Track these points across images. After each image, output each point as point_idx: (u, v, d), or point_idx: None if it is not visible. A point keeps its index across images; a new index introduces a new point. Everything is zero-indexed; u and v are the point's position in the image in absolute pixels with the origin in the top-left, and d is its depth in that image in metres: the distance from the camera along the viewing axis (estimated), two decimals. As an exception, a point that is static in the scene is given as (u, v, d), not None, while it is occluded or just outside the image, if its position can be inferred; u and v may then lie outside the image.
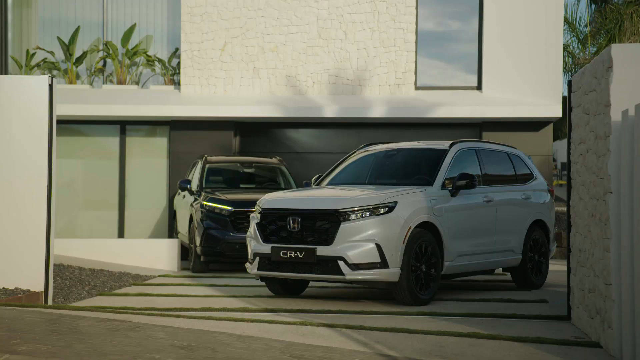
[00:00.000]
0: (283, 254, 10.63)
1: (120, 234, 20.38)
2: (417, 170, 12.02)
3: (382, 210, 10.47)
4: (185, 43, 20.04)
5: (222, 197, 15.09)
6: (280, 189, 16.59)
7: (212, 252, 14.82)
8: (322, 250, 10.41)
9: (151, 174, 20.52)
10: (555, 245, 13.56)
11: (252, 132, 20.34)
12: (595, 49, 26.15)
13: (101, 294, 11.71)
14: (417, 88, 19.76)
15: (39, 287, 10.04)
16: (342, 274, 10.33)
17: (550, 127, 19.63)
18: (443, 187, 11.33)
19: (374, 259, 10.32)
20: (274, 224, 10.88)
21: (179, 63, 20.85)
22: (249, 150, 20.21)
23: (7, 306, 9.04)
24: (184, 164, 19.78)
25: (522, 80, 19.35)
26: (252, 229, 11.14)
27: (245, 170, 17.14)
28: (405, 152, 12.41)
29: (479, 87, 19.76)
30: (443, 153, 11.81)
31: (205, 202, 14.99)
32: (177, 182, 17.62)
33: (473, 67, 20.01)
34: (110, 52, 20.88)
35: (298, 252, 10.54)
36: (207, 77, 19.96)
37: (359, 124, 20.03)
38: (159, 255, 15.45)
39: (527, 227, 12.70)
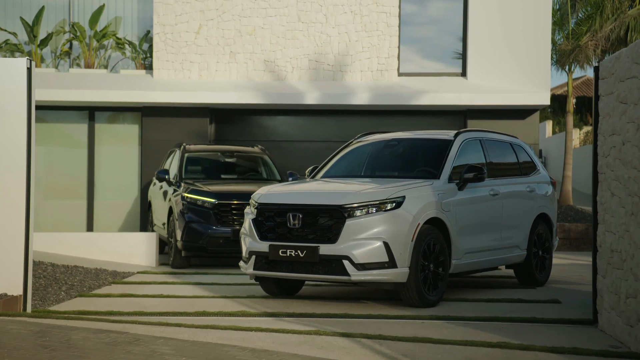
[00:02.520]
0: (282, 252, 9.84)
1: (89, 226, 19.43)
2: (420, 162, 11.29)
3: (389, 206, 9.73)
4: (158, 25, 19.11)
5: (205, 188, 14.24)
6: (263, 179, 15.79)
7: (194, 247, 13.97)
8: (325, 249, 9.63)
9: (122, 163, 19.58)
10: (557, 240, 12.93)
11: (229, 119, 19.49)
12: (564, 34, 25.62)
13: (81, 294, 10.82)
14: (400, 74, 19.04)
15: (17, 290, 9.12)
16: (347, 274, 9.57)
17: (536, 114, 19.04)
18: (450, 180, 10.62)
19: (382, 258, 9.57)
20: (272, 220, 10.07)
21: (150, 46, 19.93)
22: (225, 139, 19.36)
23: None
24: (156, 152, 18.89)
25: (509, 67, 18.71)
26: (247, 225, 10.33)
27: (227, 159, 16.26)
28: (407, 142, 11.65)
29: (463, 74, 19.09)
30: (448, 143, 11.08)
31: (186, 194, 14.13)
32: (155, 172, 16.71)
33: (458, 53, 19.32)
34: (78, 34, 19.87)
35: (299, 251, 9.75)
36: (181, 61, 19.06)
37: (340, 112, 19.27)
38: (135, 249, 14.54)
39: (532, 222, 12.05)
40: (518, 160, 12.30)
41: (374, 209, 9.69)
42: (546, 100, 18.33)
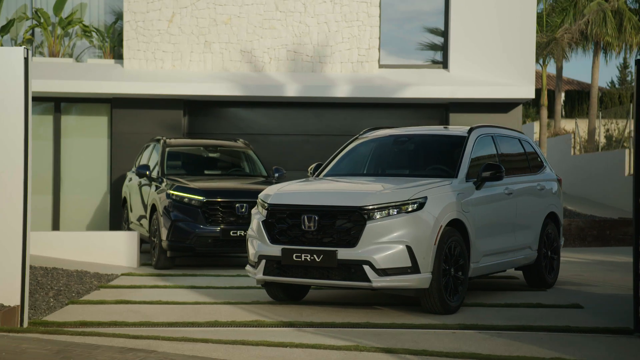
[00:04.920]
0: (297, 257, 9.19)
1: (55, 224, 18.50)
2: (433, 159, 10.71)
3: (410, 208, 9.14)
4: (129, 13, 18.25)
5: (191, 185, 13.50)
6: (249, 175, 15.10)
7: (180, 247, 13.23)
8: (344, 253, 9.01)
9: (90, 157, 18.66)
10: (562, 240, 12.47)
11: (203, 111, 18.71)
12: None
13: (72, 301, 10.05)
14: (380, 66, 18.45)
15: (14, 300, 8.33)
16: (368, 280, 8.96)
17: (519, 108, 18.60)
18: (467, 178, 10.07)
19: (404, 263, 8.99)
20: (284, 222, 9.40)
21: (119, 35, 19.06)
22: (200, 132, 18.58)
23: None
24: (127, 146, 18.06)
25: (491, 59, 18.25)
26: (256, 227, 9.65)
27: (210, 154, 15.50)
28: (418, 138, 11.04)
29: (445, 66, 18.58)
30: (462, 140, 10.51)
31: (172, 191, 13.37)
32: (130, 167, 15.94)
33: (439, 44, 18.82)
34: (42, 20, 18.90)
35: (315, 255, 9.11)
36: (153, 50, 18.23)
37: (319, 104, 18.61)
38: (115, 249, 13.72)
39: (542, 221, 11.58)
40: (527, 157, 11.82)
41: (395, 210, 9.11)
42: (530, 94, 17.93)
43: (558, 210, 12.09)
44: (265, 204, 9.60)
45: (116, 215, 18.00)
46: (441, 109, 18.65)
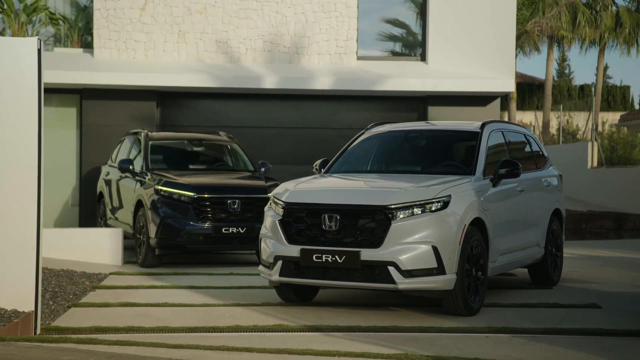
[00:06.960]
0: (317, 258, 8.82)
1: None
2: (445, 155, 10.43)
3: (434, 207, 8.84)
4: (99, 0, 17.61)
5: (180, 180, 13.01)
6: (234, 169, 14.65)
7: (170, 245, 12.75)
8: (367, 254, 8.67)
9: (58, 150, 17.94)
10: (564, 236, 12.30)
11: (177, 103, 18.16)
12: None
13: (74, 304, 9.54)
14: (359, 58, 18.10)
15: (27, 305, 7.84)
16: (393, 282, 8.64)
17: (497, 101, 18.43)
18: (484, 175, 9.81)
19: (430, 264, 8.69)
20: (303, 221, 9.01)
21: (87, 23, 18.40)
22: (173, 124, 18.02)
23: (11, 341, 6.85)
24: (98, 138, 17.46)
25: (470, 52, 18.03)
26: (270, 226, 9.24)
27: (195, 148, 15.00)
28: (429, 134, 10.73)
29: (423, 59, 18.32)
30: (476, 136, 10.23)
31: (160, 187, 12.86)
32: (112, 161, 15.34)
33: (417, 36, 18.56)
34: (5, 7, 18.16)
35: (337, 256, 8.75)
36: (125, 40, 17.63)
37: (296, 96, 18.19)
38: (98, 247, 13.18)
39: (548, 218, 11.39)
40: (532, 152, 11.61)
41: (419, 209, 8.80)
42: (510, 87, 17.78)
43: (561, 206, 11.93)
44: (282, 203, 9.20)
45: (87, 211, 17.38)
46: (419, 102, 18.38)
